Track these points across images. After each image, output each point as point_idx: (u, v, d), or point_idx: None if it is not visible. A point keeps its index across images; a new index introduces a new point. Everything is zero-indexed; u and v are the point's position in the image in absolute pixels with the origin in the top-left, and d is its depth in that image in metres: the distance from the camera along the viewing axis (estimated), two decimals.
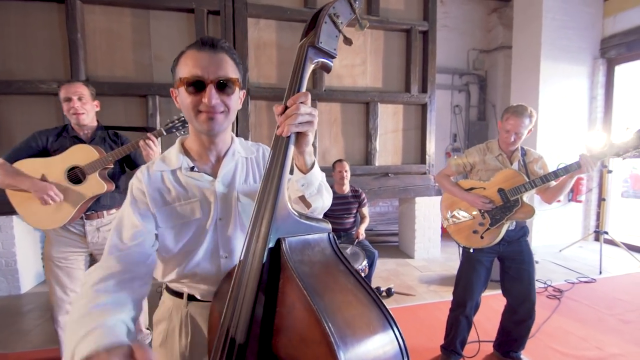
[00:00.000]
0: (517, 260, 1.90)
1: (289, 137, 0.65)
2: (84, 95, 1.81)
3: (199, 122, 0.78)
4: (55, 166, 1.76)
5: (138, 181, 0.85)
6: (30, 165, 1.74)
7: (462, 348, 2.06)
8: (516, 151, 1.91)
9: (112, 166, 1.85)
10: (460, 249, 2.03)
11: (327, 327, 0.48)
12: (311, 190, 0.75)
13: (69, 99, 1.77)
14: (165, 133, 1.80)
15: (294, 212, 0.64)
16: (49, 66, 3.11)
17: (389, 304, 3.00)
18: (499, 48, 5.10)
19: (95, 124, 1.90)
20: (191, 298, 0.88)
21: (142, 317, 2.11)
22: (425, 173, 4.07)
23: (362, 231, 2.98)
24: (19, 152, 1.76)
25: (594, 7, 4.53)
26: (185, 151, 0.88)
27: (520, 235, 1.93)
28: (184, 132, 1.80)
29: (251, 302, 0.58)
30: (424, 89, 3.98)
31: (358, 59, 3.82)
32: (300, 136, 0.67)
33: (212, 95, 0.74)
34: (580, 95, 4.66)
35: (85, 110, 1.81)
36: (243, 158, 0.91)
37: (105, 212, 1.90)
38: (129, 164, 2.02)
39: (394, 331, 0.56)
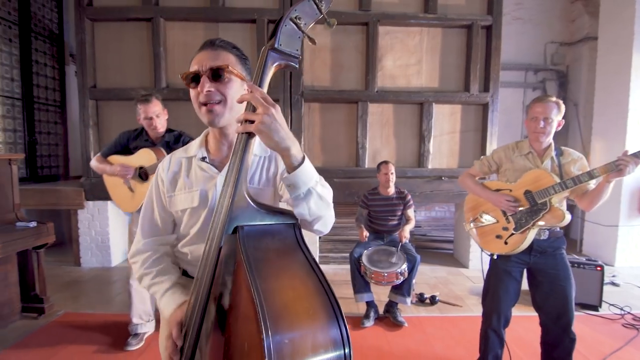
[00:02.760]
0: (550, 274, 1.72)
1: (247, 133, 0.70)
2: (159, 111, 2.16)
3: (202, 114, 0.84)
4: (130, 164, 2.24)
5: (162, 168, 0.97)
6: (114, 161, 2.32)
7: None
8: (549, 149, 1.73)
9: None
10: (488, 258, 1.90)
11: (258, 305, 0.55)
12: (297, 193, 0.71)
13: (149, 118, 2.12)
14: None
15: (252, 203, 0.71)
16: (137, 76, 3.68)
17: (431, 312, 2.90)
18: (584, 40, 4.48)
19: (164, 129, 2.24)
20: (185, 273, 0.99)
21: (147, 306, 2.34)
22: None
23: (406, 233, 2.89)
24: (111, 148, 2.35)
25: None
26: (206, 142, 0.97)
27: (555, 246, 1.74)
28: None
29: (208, 284, 0.67)
30: (485, 88, 3.72)
31: (413, 59, 3.74)
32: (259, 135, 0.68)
33: (203, 85, 0.80)
34: None
35: (161, 124, 2.19)
36: (254, 157, 0.91)
37: None
38: None
39: (338, 321, 0.58)
